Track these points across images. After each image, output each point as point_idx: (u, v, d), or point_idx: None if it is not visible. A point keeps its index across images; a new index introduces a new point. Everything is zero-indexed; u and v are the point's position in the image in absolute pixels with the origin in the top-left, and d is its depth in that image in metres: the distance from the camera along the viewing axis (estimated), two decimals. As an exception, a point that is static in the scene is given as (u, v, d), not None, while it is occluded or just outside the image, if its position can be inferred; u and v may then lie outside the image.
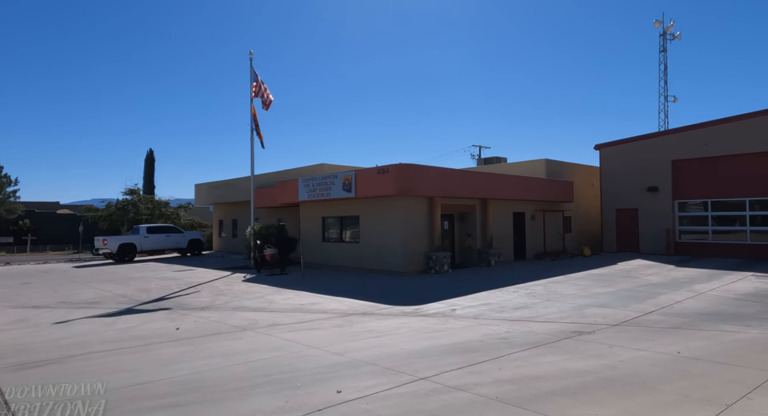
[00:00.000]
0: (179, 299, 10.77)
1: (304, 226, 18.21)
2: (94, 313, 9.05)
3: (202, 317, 8.45)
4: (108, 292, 12.27)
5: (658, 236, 17.75)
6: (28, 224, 43.09)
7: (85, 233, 31.19)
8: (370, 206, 15.07)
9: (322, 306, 9.30)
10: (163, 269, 18.52)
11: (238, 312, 8.92)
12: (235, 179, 25.62)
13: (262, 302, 10.01)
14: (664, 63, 29.87)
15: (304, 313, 8.64)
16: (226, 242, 27.97)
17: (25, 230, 42.62)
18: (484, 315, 7.79)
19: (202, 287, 12.78)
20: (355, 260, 15.58)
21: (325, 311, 8.79)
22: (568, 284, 11.19)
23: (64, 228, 44.95)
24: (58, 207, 54.35)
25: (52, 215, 47.43)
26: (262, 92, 17.89)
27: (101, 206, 30.84)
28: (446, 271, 14.08)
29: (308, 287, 11.96)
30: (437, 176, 14.34)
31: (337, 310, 8.84)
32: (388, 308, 8.86)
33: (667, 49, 29.81)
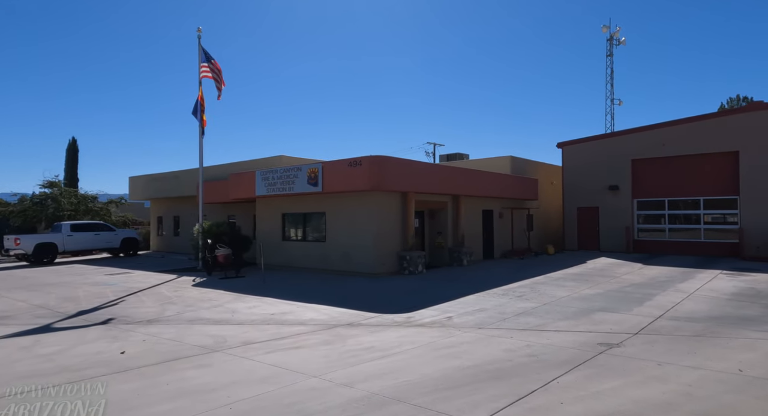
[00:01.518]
0: (118, 310, 8.98)
1: (261, 224, 16.59)
2: (4, 332, 7.13)
3: (151, 333, 6.89)
4: (22, 302, 10.08)
5: (618, 234, 18.22)
6: None
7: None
8: (338, 201, 13.88)
9: (297, 316, 8.05)
10: (92, 272, 16.05)
11: (197, 326, 7.44)
12: (179, 172, 23.15)
13: (222, 312, 8.54)
14: (611, 67, 31.34)
15: (279, 325, 7.36)
16: (166, 242, 25.29)
17: None
18: (487, 324, 7.00)
19: (144, 295, 10.93)
20: (320, 261, 14.31)
21: (303, 322, 7.57)
22: (553, 285, 10.79)
23: (-36, 225, 38.78)
24: (-44, 201, 47.01)
25: (-51, 209, 40.79)
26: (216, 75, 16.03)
27: (12, 200, 26.69)
28: (420, 272, 13.27)
29: (273, 293, 10.58)
30: (412, 170, 13.46)
31: (316, 321, 7.64)
32: (374, 316, 7.82)
33: (613, 53, 31.27)
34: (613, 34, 31.17)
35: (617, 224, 18.25)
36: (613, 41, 31.27)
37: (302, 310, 8.57)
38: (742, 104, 36.84)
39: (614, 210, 18.34)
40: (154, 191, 24.50)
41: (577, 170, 19.40)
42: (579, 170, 19.32)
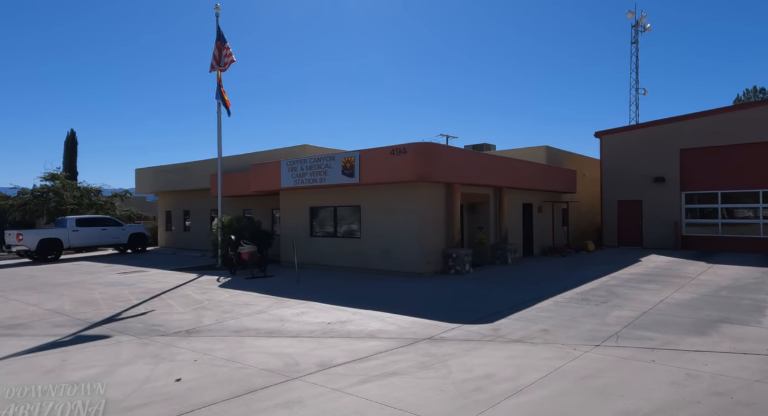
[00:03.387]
0: (147, 317, 7.80)
1: (285, 218, 15.39)
2: (19, 347, 5.95)
3: (199, 350, 5.72)
4: (34, 307, 8.89)
5: (663, 229, 17.13)
6: None
7: (-10, 226, 25.49)
8: (376, 194, 12.69)
9: (360, 326, 6.90)
10: (103, 271, 14.84)
11: (248, 340, 6.28)
12: (189, 163, 21.86)
13: (269, 321, 7.38)
14: (636, 55, 30.12)
15: (346, 339, 6.21)
16: (175, 237, 24.05)
17: None
18: (598, 339, 5.87)
19: (170, 297, 9.75)
20: (354, 259, 13.15)
21: (372, 334, 6.42)
22: (629, 288, 9.68)
23: (-40, 219, 37.30)
24: (-49, 194, 45.40)
25: (-56, 203, 39.25)
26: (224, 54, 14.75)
27: (11, 193, 25.30)
28: (467, 271, 12.13)
29: (314, 296, 9.43)
30: (458, 159, 12.27)
31: (387, 333, 6.49)
32: (454, 327, 6.68)
33: (638, 40, 30.04)
34: (638, 20, 29.93)
35: (663, 219, 17.15)
36: (638, 28, 30.04)
37: (362, 318, 7.42)
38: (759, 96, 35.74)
39: (660, 204, 17.23)
40: (162, 184, 23.20)
41: (617, 160, 18.25)
42: (620, 160, 18.17)
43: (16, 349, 5.92)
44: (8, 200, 24.29)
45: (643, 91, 30.18)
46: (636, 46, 30.12)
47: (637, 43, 30.10)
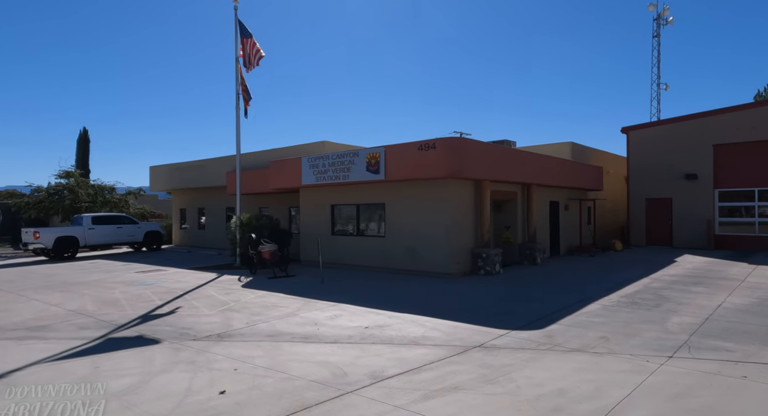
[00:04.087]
0: (173, 319, 7.47)
1: (305, 216, 15.03)
2: (46, 352, 5.62)
3: (236, 357, 5.35)
4: (56, 307, 8.60)
5: (695, 228, 16.51)
6: (-74, 212, 35.39)
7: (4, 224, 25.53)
8: (402, 191, 12.27)
9: (401, 332, 6.49)
10: (121, 269, 14.59)
11: (285, 345, 5.90)
12: (205, 160, 21.58)
13: (302, 324, 7.01)
14: (657, 49, 29.34)
15: (389, 346, 5.81)
16: (189, 235, 23.83)
17: None
18: (670, 350, 5.41)
19: (193, 298, 9.42)
20: (378, 258, 12.75)
21: (415, 341, 6.01)
22: (676, 290, 9.17)
23: (-25, 217, 37.50)
24: (-34, 192, 45.75)
25: (-40, 201, 39.52)
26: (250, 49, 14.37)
27: (26, 191, 25.24)
28: (498, 272, 11.67)
29: (343, 297, 9.05)
30: (489, 155, 11.80)
31: (432, 339, 6.08)
32: (503, 334, 6.25)
33: (660, 34, 29.25)
34: (660, 13, 29.13)
35: (695, 218, 16.52)
36: (660, 21, 29.24)
37: (400, 323, 7.01)
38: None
39: (691, 202, 16.60)
40: (177, 182, 22.96)
41: (645, 157, 17.64)
42: (648, 157, 17.56)
43: (44, 354, 5.60)
44: (24, 198, 24.23)
45: (665, 86, 29.43)
46: (657, 40, 29.35)
47: (658, 37, 29.32)
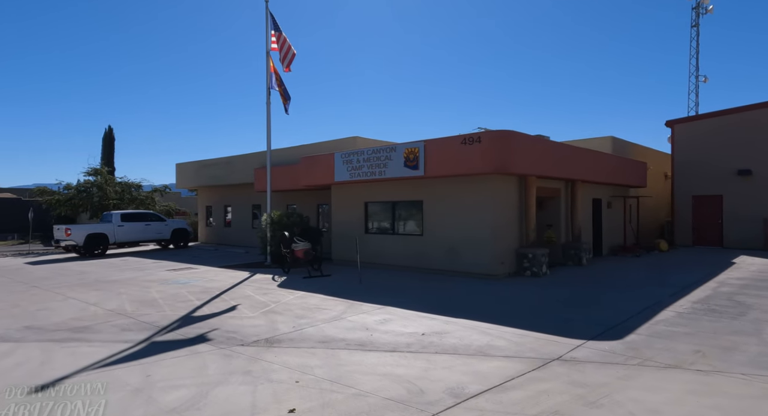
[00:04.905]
0: (216, 321, 7.11)
1: (337, 214, 14.62)
2: (92, 357, 5.30)
3: (293, 366, 4.94)
4: (94, 306, 8.37)
5: (749, 227, 15.53)
6: (-39, 208, 36.38)
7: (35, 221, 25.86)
8: (441, 187, 11.72)
9: (463, 340, 5.98)
10: (152, 267, 14.44)
11: (342, 353, 5.46)
12: (232, 157, 21.41)
13: (353, 329, 6.56)
14: (696, 39, 27.98)
15: (457, 357, 5.31)
16: (215, 233, 23.75)
17: (-43, 216, 35.95)
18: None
19: (231, 298, 9.09)
20: (415, 258, 12.25)
21: (483, 351, 5.49)
22: (753, 295, 8.43)
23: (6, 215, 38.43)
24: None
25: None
26: (281, 45, 13.98)
27: (57, 189, 25.53)
28: (545, 273, 11.04)
29: (387, 299, 8.60)
30: (537, 149, 11.17)
31: (499, 349, 5.56)
32: (577, 344, 5.68)
33: (699, 24, 27.89)
34: (699, 1, 27.76)
35: (749, 216, 15.54)
36: (699, 10, 27.87)
37: (458, 329, 6.50)
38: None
39: (745, 199, 15.62)
40: (203, 179, 22.87)
41: (692, 152, 16.68)
42: (695, 152, 16.60)
43: (91, 359, 5.28)
44: (54, 196, 24.52)
45: (704, 78, 28.06)
46: (696, 30, 27.98)
47: (697, 27, 27.96)
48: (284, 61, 13.65)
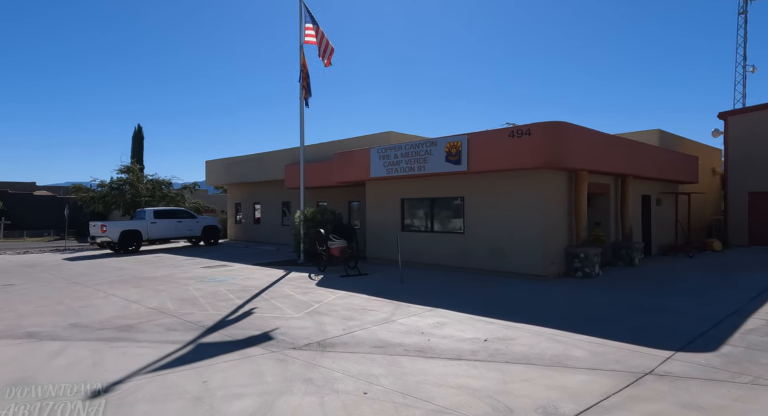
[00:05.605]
0: (260, 321, 6.81)
1: (372, 211, 14.24)
2: (142, 358, 5.04)
3: (355, 374, 4.55)
4: (136, 304, 8.21)
5: (814, 226, 14.42)
6: (1, 206, 37.74)
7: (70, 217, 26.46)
8: (485, 183, 11.18)
9: (532, 347, 5.49)
10: (186, 264, 14.39)
11: (404, 361, 5.05)
12: (261, 154, 21.30)
13: (406, 333, 6.15)
14: (744, 27, 26.42)
15: (532, 367, 4.83)
16: (244, 230, 23.75)
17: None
18: None
19: (272, 298, 8.81)
20: (456, 256, 11.75)
21: (559, 361, 4.99)
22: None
23: (42, 212, 39.67)
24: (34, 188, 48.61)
25: (28, 196, 41.88)
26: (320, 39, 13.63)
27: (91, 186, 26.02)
28: (597, 274, 10.39)
29: (435, 301, 8.17)
30: (590, 141, 10.50)
31: (577, 359, 5.05)
32: (666, 356, 5.11)
33: (747, 11, 26.31)
34: (748, -13, 26.17)
35: (813, 214, 14.42)
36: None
37: (523, 335, 6.01)
38: None
39: (809, 196, 14.50)
40: (233, 176, 22.87)
41: (748, 145, 15.62)
42: (751, 145, 15.53)
43: (142, 361, 5.02)
44: (89, 193, 24.99)
45: (752, 68, 26.49)
46: (744, 18, 26.43)
47: (745, 14, 26.40)
48: (324, 56, 13.32)
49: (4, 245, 27.18)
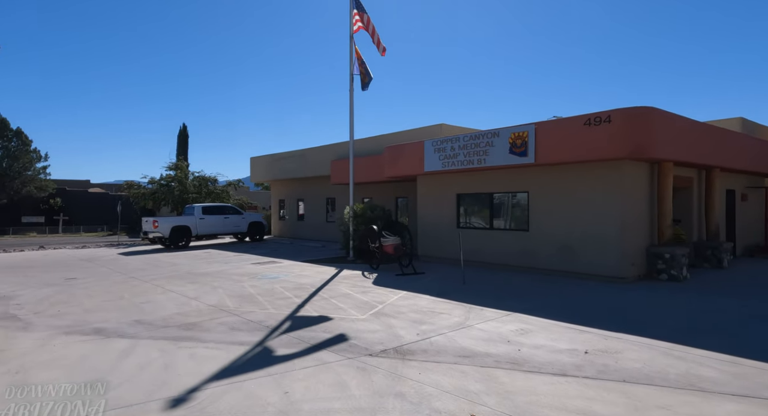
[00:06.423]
0: (328, 324, 6.36)
1: (424, 206, 13.62)
2: (213, 361, 4.67)
3: (454, 391, 3.98)
4: (195, 301, 8.00)
5: None
6: (59, 203, 39.89)
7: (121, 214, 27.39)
8: (553, 176, 10.32)
9: (645, 363, 4.73)
10: (235, 260, 14.31)
11: (498, 374, 4.42)
12: (306, 150, 21.14)
13: (490, 341, 5.51)
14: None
15: (661, 390, 4.08)
16: (289, 226, 23.73)
17: (56, 210, 39.47)
18: None
19: (329, 296, 8.40)
20: (518, 255, 10.95)
21: (689, 381, 4.21)
22: None
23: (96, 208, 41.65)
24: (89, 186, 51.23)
25: (84, 193, 44.12)
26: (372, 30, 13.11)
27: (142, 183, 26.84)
28: (685, 277, 9.32)
29: (508, 304, 7.49)
30: (680, 130, 9.44)
31: (712, 381, 4.25)
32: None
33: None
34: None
35: None
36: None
37: (627, 347, 5.23)
38: None
39: None
40: (277, 172, 22.87)
41: None
42: None
43: (213, 364, 4.66)
44: (141, 189, 25.77)
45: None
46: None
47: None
48: (379, 45, 12.83)
49: (63, 239, 28.57)
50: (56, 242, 25.90)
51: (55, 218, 38.88)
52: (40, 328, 6.24)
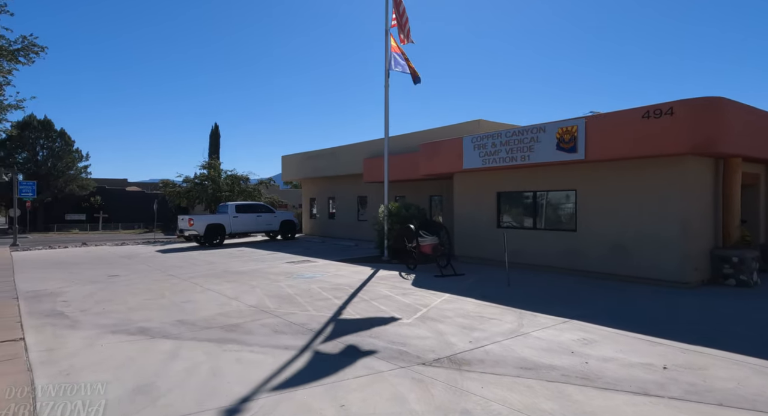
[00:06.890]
0: (374, 328, 6.06)
1: (461, 206, 13.16)
2: (259, 368, 4.45)
3: (520, 409, 3.60)
4: (235, 301, 7.87)
5: None
6: (99, 201, 41.48)
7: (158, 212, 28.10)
8: (604, 173, 9.68)
9: (741, 381, 4.20)
10: (270, 259, 14.26)
11: (570, 390, 4.00)
12: (336, 148, 20.99)
13: (548, 350, 5.08)
14: None
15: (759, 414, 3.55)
16: (319, 225, 23.68)
17: (96, 207, 41.05)
18: None
19: (369, 297, 8.11)
20: (564, 256, 10.36)
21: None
22: None
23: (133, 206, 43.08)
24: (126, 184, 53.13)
25: (122, 192, 45.78)
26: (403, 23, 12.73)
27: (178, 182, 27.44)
28: (755, 282, 8.54)
29: (559, 308, 7.02)
30: (752, 122, 8.66)
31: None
32: None
33: None
34: None
35: None
36: None
37: (712, 363, 4.69)
38: None
39: None
40: (308, 170, 22.84)
41: None
42: None
43: (261, 371, 4.44)
44: (176, 188, 26.33)
45: None
46: None
47: None
48: (404, 32, 12.44)
49: (103, 236, 29.60)
50: (96, 239, 26.82)
51: (96, 216, 40.43)
52: (86, 326, 6.22)
